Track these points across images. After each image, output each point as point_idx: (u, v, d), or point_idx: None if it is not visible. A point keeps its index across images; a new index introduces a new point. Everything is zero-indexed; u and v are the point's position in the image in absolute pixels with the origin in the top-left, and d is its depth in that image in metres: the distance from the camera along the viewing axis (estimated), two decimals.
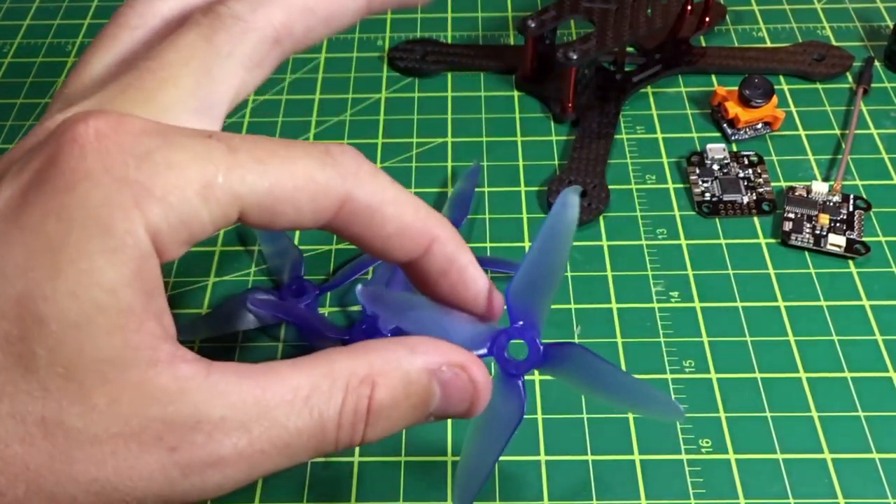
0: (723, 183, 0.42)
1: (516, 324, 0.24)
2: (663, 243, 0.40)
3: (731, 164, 0.43)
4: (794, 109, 0.47)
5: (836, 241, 0.39)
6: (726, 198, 0.42)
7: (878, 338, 0.36)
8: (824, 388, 0.35)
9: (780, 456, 0.33)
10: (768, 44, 0.51)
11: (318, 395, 0.19)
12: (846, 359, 0.36)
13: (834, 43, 0.50)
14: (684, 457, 0.33)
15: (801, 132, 0.45)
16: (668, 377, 0.35)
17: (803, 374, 0.35)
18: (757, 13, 0.53)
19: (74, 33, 0.54)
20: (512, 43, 0.52)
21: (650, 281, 0.39)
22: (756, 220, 0.41)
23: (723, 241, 0.40)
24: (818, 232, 0.40)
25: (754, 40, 0.51)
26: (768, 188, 0.42)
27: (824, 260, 0.39)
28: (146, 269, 0.17)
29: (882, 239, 0.40)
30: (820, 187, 0.41)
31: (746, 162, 0.43)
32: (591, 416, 0.34)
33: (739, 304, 0.38)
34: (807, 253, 0.40)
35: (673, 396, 0.35)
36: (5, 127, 0.48)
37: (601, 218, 0.42)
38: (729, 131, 0.45)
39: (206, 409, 0.17)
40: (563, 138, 0.46)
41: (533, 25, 0.45)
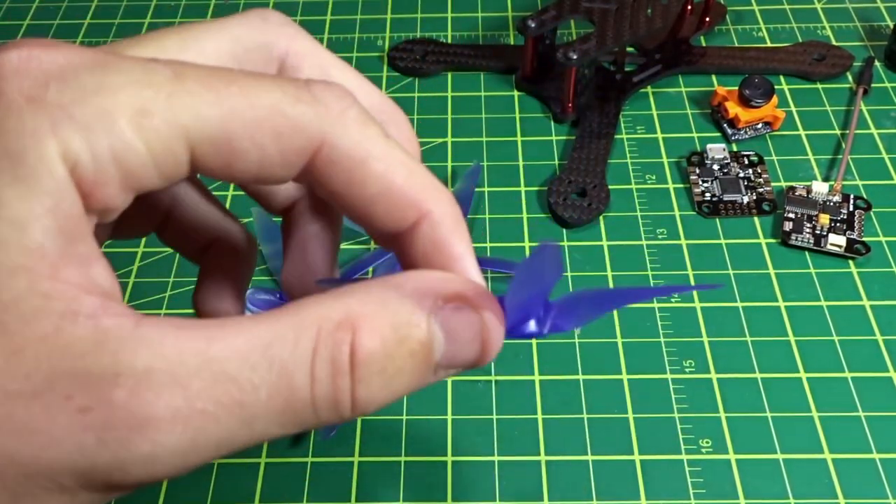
0: (723, 183, 0.42)
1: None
2: (663, 243, 0.40)
3: (732, 164, 0.43)
4: (794, 109, 0.47)
5: (837, 241, 0.39)
6: (726, 198, 0.42)
7: (878, 338, 0.36)
8: (824, 388, 0.35)
9: (780, 456, 0.33)
10: (768, 44, 0.51)
11: (281, 345, 0.15)
12: (846, 359, 0.36)
13: (834, 43, 0.50)
14: (684, 457, 0.33)
15: (802, 132, 0.45)
16: (668, 377, 0.35)
17: (803, 374, 0.35)
18: (757, 13, 0.53)
19: (74, 33, 0.54)
20: (512, 43, 0.52)
21: (650, 281, 0.39)
22: (756, 220, 0.41)
23: (723, 241, 0.40)
24: (818, 232, 0.40)
25: (754, 40, 0.51)
26: (768, 188, 0.42)
27: (824, 260, 0.39)
28: (65, 207, 0.14)
29: (882, 239, 0.40)
30: (820, 187, 0.41)
31: (746, 162, 0.43)
32: (591, 416, 0.34)
33: (739, 304, 0.38)
34: (807, 253, 0.40)
35: (673, 397, 0.35)
36: None
37: (601, 218, 0.42)
38: (729, 131, 0.45)
39: (128, 360, 0.14)
40: (563, 138, 0.46)
41: (533, 25, 0.45)
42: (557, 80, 0.47)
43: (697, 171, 0.43)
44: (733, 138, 0.45)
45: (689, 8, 0.49)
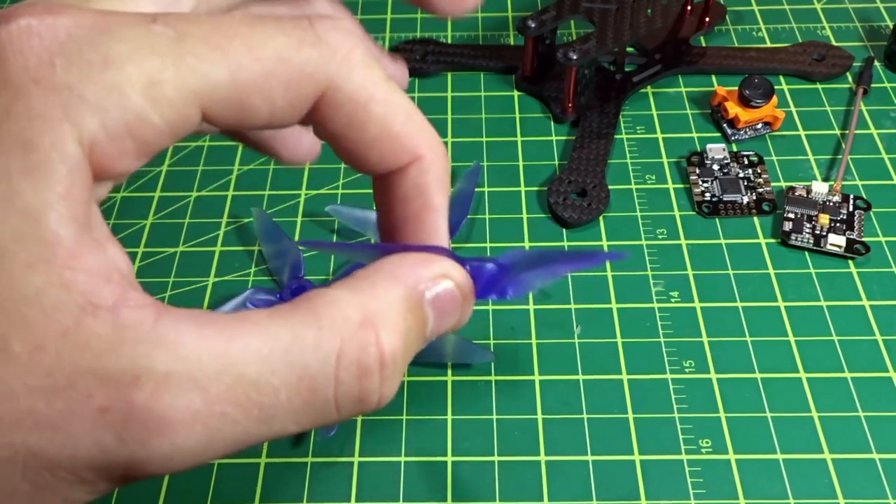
0: (723, 183, 0.42)
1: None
2: (663, 243, 0.40)
3: (731, 164, 0.43)
4: (794, 109, 0.47)
5: (836, 241, 0.39)
6: (726, 198, 0.42)
7: (878, 338, 0.36)
8: (824, 388, 0.35)
9: (780, 456, 0.33)
10: (768, 44, 0.51)
11: (301, 347, 0.15)
12: (846, 359, 0.36)
13: (834, 43, 0.50)
14: (684, 457, 0.33)
15: (801, 132, 0.46)
16: (668, 377, 0.35)
17: (803, 374, 0.35)
18: (757, 13, 0.53)
19: None
20: (512, 43, 0.52)
21: (650, 281, 0.39)
22: (756, 220, 0.41)
23: (723, 241, 0.40)
24: (818, 232, 0.40)
25: (754, 40, 0.51)
26: (768, 188, 0.42)
27: (824, 260, 0.39)
28: (76, 193, 0.14)
29: (882, 239, 0.40)
30: (820, 187, 0.41)
31: (746, 162, 0.43)
32: (591, 416, 0.34)
33: (739, 304, 0.38)
34: (807, 253, 0.40)
35: (673, 397, 0.35)
36: None
37: (601, 218, 0.42)
38: (729, 131, 0.45)
39: (148, 361, 0.14)
40: (563, 138, 0.46)
41: (533, 25, 0.45)
42: (557, 80, 0.47)
43: (697, 171, 0.43)
44: (733, 138, 0.45)
45: (689, 8, 0.49)
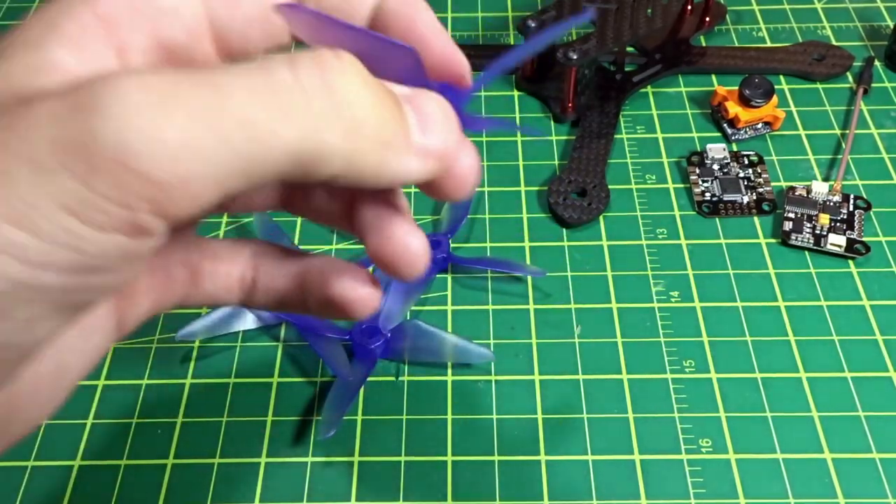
0: (723, 183, 0.42)
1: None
2: (663, 243, 0.40)
3: (731, 164, 0.43)
4: (794, 109, 0.47)
5: (837, 241, 0.39)
6: (726, 198, 0.42)
7: (878, 338, 0.36)
8: (824, 388, 0.35)
9: (780, 456, 0.33)
10: (768, 44, 0.51)
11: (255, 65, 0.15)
12: (846, 359, 0.36)
13: (834, 43, 0.50)
14: (684, 457, 0.33)
15: (801, 132, 0.45)
16: (669, 377, 0.35)
17: (803, 374, 0.35)
18: (757, 13, 0.53)
19: None
20: (512, 43, 0.52)
21: (650, 281, 0.39)
22: (756, 219, 0.41)
23: (723, 241, 0.40)
24: (818, 232, 0.40)
25: (754, 40, 0.51)
26: (768, 188, 0.42)
27: (824, 260, 0.39)
28: (88, 40, 0.17)
29: (882, 239, 0.40)
30: (820, 187, 0.41)
31: (746, 162, 0.43)
32: (591, 416, 0.34)
33: (739, 304, 0.38)
34: (807, 253, 0.40)
35: (673, 396, 0.35)
36: None
37: (601, 218, 0.42)
38: (729, 131, 0.45)
39: (98, 82, 0.14)
40: (563, 138, 0.46)
41: (533, 25, 0.45)
42: (557, 80, 0.47)
43: (697, 171, 0.43)
44: (733, 138, 0.45)
45: (689, 8, 0.49)
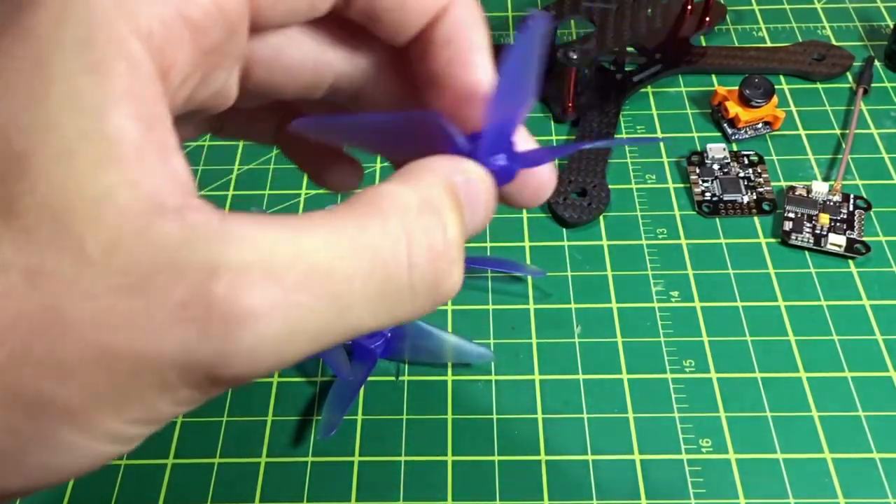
0: (723, 183, 0.42)
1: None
2: (663, 243, 0.40)
3: (732, 164, 0.43)
4: (794, 109, 0.47)
5: (837, 240, 0.39)
6: (726, 197, 0.42)
7: (878, 338, 0.36)
8: (824, 388, 0.35)
9: (780, 456, 0.33)
10: (768, 44, 0.51)
11: (370, 233, 0.15)
12: (846, 358, 0.36)
13: (834, 43, 0.50)
14: (684, 457, 0.33)
15: (802, 132, 0.45)
16: (669, 377, 0.35)
17: (803, 374, 0.35)
18: (757, 13, 0.53)
19: None
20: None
21: (650, 281, 0.39)
22: (756, 219, 0.41)
23: (723, 241, 0.40)
24: (818, 232, 0.40)
25: (754, 40, 0.51)
26: (768, 188, 0.42)
27: (824, 260, 0.39)
28: (141, 89, 0.14)
29: (882, 239, 0.40)
30: (820, 187, 0.41)
31: (746, 162, 0.43)
32: (591, 416, 0.34)
33: (739, 304, 0.38)
34: (807, 253, 0.40)
35: (673, 396, 0.35)
36: None
37: (601, 218, 0.42)
38: (729, 131, 0.45)
39: (222, 255, 0.14)
40: (563, 138, 0.46)
41: None
42: (557, 80, 0.47)
43: (697, 171, 0.43)
44: (733, 138, 0.45)
45: (689, 8, 0.49)
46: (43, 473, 0.14)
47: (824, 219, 0.40)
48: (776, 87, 0.46)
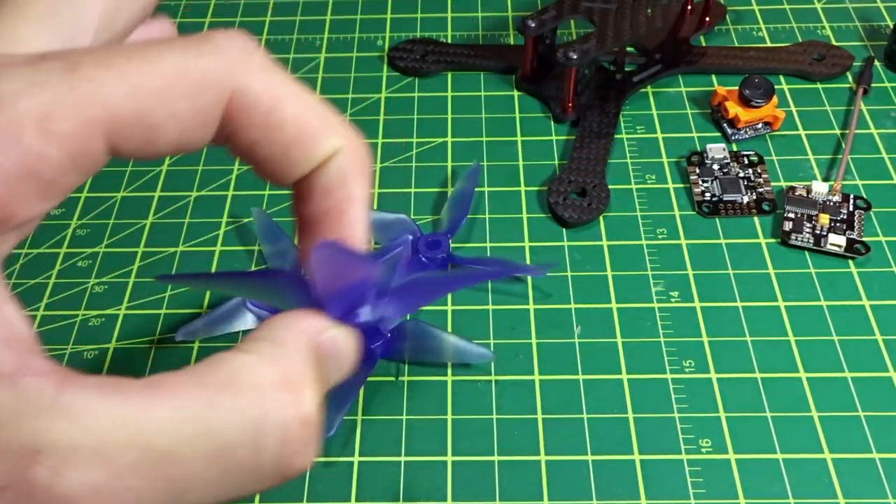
0: (723, 183, 0.42)
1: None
2: (663, 243, 0.40)
3: (731, 164, 0.43)
4: (794, 109, 0.47)
5: (837, 240, 0.39)
6: (726, 198, 0.42)
7: (878, 338, 0.36)
8: (824, 388, 0.35)
9: (780, 456, 0.33)
10: (768, 44, 0.51)
11: (218, 414, 0.14)
12: (846, 359, 0.36)
13: (834, 43, 0.50)
14: (684, 457, 0.33)
15: (801, 132, 0.45)
16: (668, 377, 0.35)
17: (803, 374, 0.35)
18: (757, 13, 0.53)
19: None
20: (512, 43, 0.52)
21: (650, 281, 0.39)
22: (756, 219, 0.41)
23: (723, 241, 0.40)
24: (818, 232, 0.40)
25: (754, 40, 0.51)
26: (768, 188, 0.42)
27: (824, 260, 0.39)
28: None
29: (882, 239, 0.40)
30: (820, 187, 0.41)
31: (746, 162, 0.43)
32: (591, 416, 0.34)
33: (739, 304, 0.38)
34: (807, 253, 0.40)
35: (673, 396, 0.35)
36: None
37: (601, 218, 0.42)
38: (729, 131, 0.45)
39: (49, 434, 0.13)
40: (563, 138, 0.46)
41: (533, 25, 0.45)
42: (557, 80, 0.47)
43: (697, 171, 0.43)
44: (733, 138, 0.45)
45: (689, 8, 0.49)
46: None
47: (824, 219, 0.40)
48: (776, 87, 0.46)
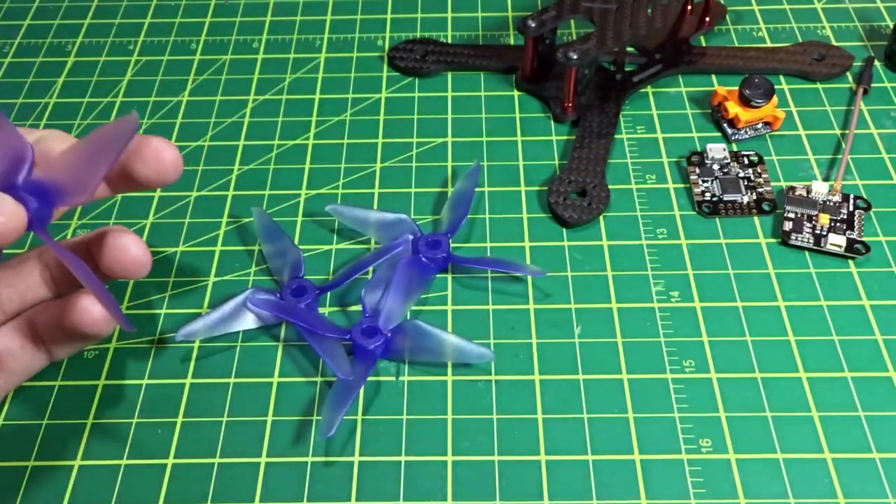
0: (723, 183, 0.42)
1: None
2: (663, 243, 0.40)
3: (732, 164, 0.43)
4: (794, 109, 0.47)
5: (837, 240, 0.39)
6: (726, 198, 0.42)
7: (878, 338, 0.36)
8: (824, 388, 0.35)
9: (780, 456, 0.33)
10: (768, 44, 0.51)
11: None
12: (846, 359, 0.36)
13: (834, 43, 0.50)
14: (684, 457, 0.33)
15: (801, 132, 0.46)
16: (668, 377, 0.35)
17: (803, 374, 0.35)
18: (757, 13, 0.53)
19: (74, 33, 0.54)
20: (512, 43, 0.52)
21: (650, 281, 0.39)
22: (756, 219, 0.41)
23: (723, 241, 0.40)
24: (818, 232, 0.40)
25: (754, 40, 0.51)
26: (768, 188, 0.42)
27: (824, 260, 0.39)
28: None
29: (882, 239, 0.40)
30: (820, 187, 0.41)
31: (746, 162, 0.43)
32: (591, 416, 0.34)
33: (739, 304, 0.38)
34: (807, 253, 0.40)
35: (673, 396, 0.35)
36: None
37: (601, 218, 0.42)
38: (729, 131, 0.45)
39: None
40: (563, 138, 0.46)
41: (533, 25, 0.45)
42: (557, 80, 0.47)
43: (697, 171, 0.43)
44: (733, 138, 0.45)
45: (689, 8, 0.49)
46: None
47: (824, 219, 0.40)
48: (776, 87, 0.46)
